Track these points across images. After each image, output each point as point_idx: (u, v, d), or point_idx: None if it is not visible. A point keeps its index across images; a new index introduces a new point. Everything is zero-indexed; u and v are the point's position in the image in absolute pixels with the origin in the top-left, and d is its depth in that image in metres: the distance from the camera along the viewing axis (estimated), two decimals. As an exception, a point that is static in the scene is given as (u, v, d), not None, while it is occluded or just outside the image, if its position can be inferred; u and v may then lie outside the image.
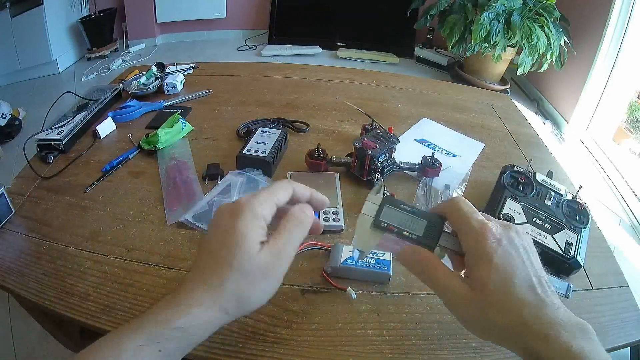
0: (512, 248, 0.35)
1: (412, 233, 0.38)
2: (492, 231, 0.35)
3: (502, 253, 0.34)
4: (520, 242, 0.36)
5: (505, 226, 0.37)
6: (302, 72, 1.11)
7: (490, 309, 0.33)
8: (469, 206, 0.38)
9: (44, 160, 0.71)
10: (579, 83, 2.22)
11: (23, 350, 1.04)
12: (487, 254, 0.34)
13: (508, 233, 0.36)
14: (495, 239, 0.35)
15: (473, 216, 0.37)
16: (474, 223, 0.36)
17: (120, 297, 0.47)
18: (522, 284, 0.33)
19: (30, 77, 2.55)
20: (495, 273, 0.33)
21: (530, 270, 0.34)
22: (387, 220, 0.39)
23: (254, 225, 0.35)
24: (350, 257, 0.50)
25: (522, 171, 0.66)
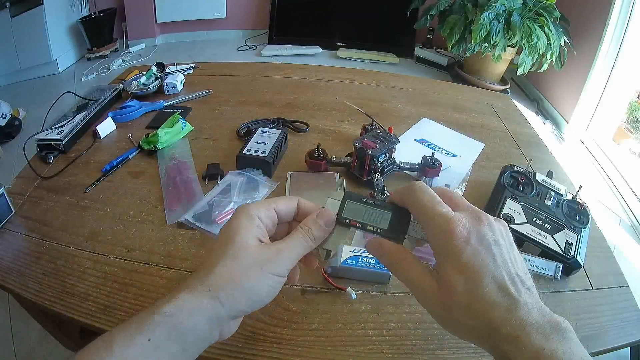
0: (481, 245, 0.32)
1: (377, 227, 0.36)
2: (458, 228, 0.32)
3: (470, 252, 0.31)
4: (493, 237, 0.32)
5: (475, 218, 0.33)
6: (302, 72, 1.11)
7: (457, 310, 0.31)
8: (429, 195, 0.34)
9: (44, 160, 0.71)
10: (579, 83, 2.22)
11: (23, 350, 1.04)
12: (453, 254, 0.32)
13: (478, 227, 0.33)
14: (463, 236, 0.32)
15: (436, 209, 0.33)
16: (438, 219, 0.33)
17: (120, 297, 0.47)
18: (492, 285, 0.31)
19: (30, 77, 2.55)
20: (462, 274, 0.31)
21: (503, 268, 0.31)
22: (350, 216, 0.37)
23: (249, 223, 0.35)
24: (351, 257, 0.50)
25: (522, 171, 0.66)
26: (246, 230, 0.34)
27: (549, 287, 0.52)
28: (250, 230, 0.34)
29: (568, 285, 0.53)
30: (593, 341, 0.46)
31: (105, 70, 2.70)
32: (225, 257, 0.33)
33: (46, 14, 2.42)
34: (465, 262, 0.31)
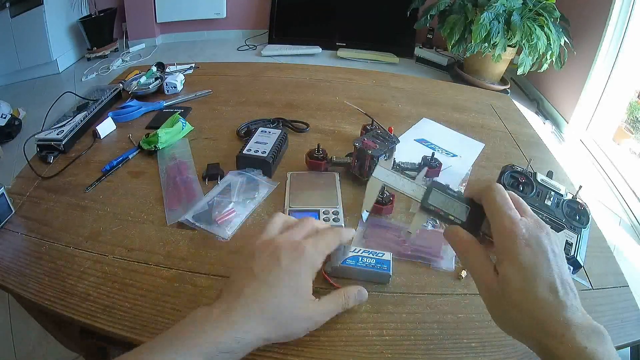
0: (539, 250, 0.35)
1: (457, 218, 0.39)
2: (521, 231, 0.35)
3: (528, 254, 0.35)
4: (550, 245, 0.36)
5: (537, 226, 0.37)
6: (302, 72, 1.11)
7: (510, 306, 0.34)
8: (503, 198, 0.38)
9: (44, 160, 0.71)
10: (579, 83, 2.22)
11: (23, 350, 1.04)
12: (513, 253, 0.35)
13: (538, 234, 0.36)
14: (524, 239, 0.35)
15: (505, 211, 0.37)
16: (505, 221, 0.36)
17: (120, 297, 0.47)
18: (544, 286, 0.34)
19: (30, 77, 2.55)
20: (519, 273, 0.34)
21: (555, 272, 0.34)
22: (435, 204, 0.40)
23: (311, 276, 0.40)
24: (351, 257, 0.50)
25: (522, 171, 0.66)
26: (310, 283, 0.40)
27: (549, 287, 0.52)
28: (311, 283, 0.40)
29: (568, 285, 0.53)
30: (593, 341, 0.46)
31: (105, 70, 2.70)
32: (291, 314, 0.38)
33: (46, 14, 2.42)
34: (523, 261, 0.34)
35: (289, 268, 0.38)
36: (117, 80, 0.99)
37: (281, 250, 0.39)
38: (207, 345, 0.33)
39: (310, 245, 0.40)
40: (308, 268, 0.40)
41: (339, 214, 0.59)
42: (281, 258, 0.39)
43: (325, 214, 0.59)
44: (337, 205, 0.61)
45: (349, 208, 0.62)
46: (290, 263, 0.39)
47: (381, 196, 0.59)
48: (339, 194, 0.64)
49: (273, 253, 0.39)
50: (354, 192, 0.66)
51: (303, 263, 0.39)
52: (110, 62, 2.77)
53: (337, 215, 0.59)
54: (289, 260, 0.39)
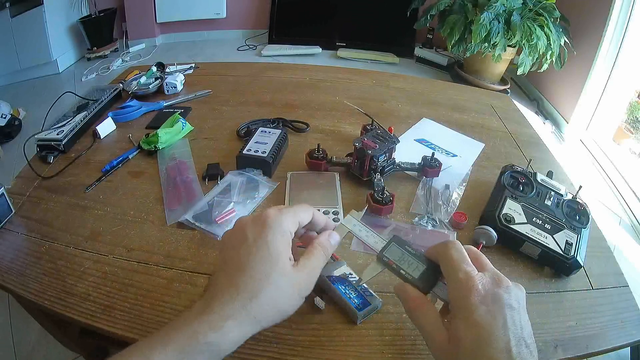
0: (495, 307, 0.34)
1: (408, 274, 0.40)
2: (477, 287, 0.35)
3: (482, 311, 0.34)
4: (508, 300, 0.35)
5: (495, 281, 0.36)
6: (302, 72, 1.11)
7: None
8: (459, 253, 0.37)
9: (44, 160, 0.71)
10: (579, 83, 2.22)
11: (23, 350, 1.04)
12: (467, 309, 0.34)
13: (496, 290, 0.35)
14: (480, 295, 0.34)
15: (461, 266, 0.36)
16: (461, 275, 0.36)
17: (120, 297, 0.47)
18: (497, 346, 0.32)
19: (30, 77, 2.55)
20: (472, 331, 0.33)
21: (511, 331, 0.33)
22: (389, 256, 0.41)
23: (284, 242, 0.37)
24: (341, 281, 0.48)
25: (522, 171, 0.66)
26: (284, 249, 0.37)
27: (549, 287, 0.52)
28: (286, 249, 0.37)
29: (568, 285, 0.53)
30: (593, 341, 0.46)
31: (105, 70, 2.70)
32: (269, 285, 0.35)
33: (46, 14, 2.42)
34: (477, 319, 0.33)
35: (255, 240, 0.36)
36: (117, 80, 0.99)
37: (246, 226, 0.37)
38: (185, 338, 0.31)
39: (273, 210, 0.38)
40: (276, 233, 0.36)
41: (339, 214, 0.59)
42: (247, 233, 0.37)
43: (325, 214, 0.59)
44: (337, 205, 0.61)
45: (348, 208, 0.62)
46: (257, 235, 0.36)
47: (381, 196, 0.59)
48: (339, 194, 0.64)
49: (240, 232, 0.37)
50: (354, 192, 0.66)
51: (269, 229, 0.36)
52: (110, 62, 2.77)
53: (337, 215, 0.59)
54: (254, 233, 0.37)
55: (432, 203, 0.64)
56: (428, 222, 0.61)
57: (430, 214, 0.62)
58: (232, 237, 0.38)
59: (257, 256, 0.35)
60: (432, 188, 0.68)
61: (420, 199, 0.65)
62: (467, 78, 2.62)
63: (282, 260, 0.36)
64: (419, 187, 0.68)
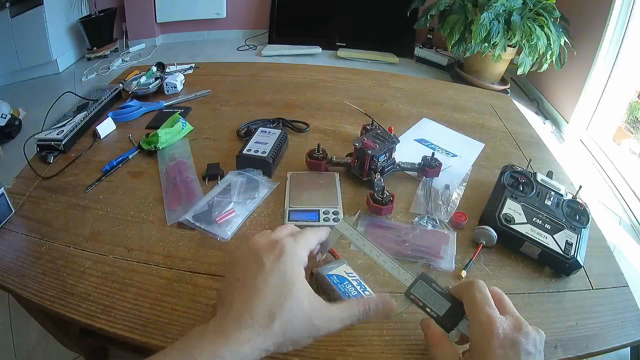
0: (512, 351, 0.35)
1: (433, 311, 0.41)
2: (498, 330, 0.36)
3: (500, 355, 0.35)
4: (526, 347, 0.35)
5: (515, 326, 0.37)
6: (302, 72, 1.11)
7: None
8: (482, 295, 0.39)
9: (44, 160, 0.71)
10: (579, 83, 2.22)
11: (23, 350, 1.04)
12: (486, 352, 0.35)
13: (515, 335, 0.36)
14: (499, 339, 0.35)
15: (484, 309, 0.37)
16: (483, 317, 0.37)
17: (120, 297, 0.47)
18: None
19: (30, 77, 2.55)
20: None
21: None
22: (416, 294, 0.42)
23: (300, 272, 0.38)
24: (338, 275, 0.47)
25: (522, 171, 0.66)
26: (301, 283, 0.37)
27: (549, 287, 0.52)
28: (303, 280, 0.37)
29: (568, 285, 0.53)
30: (593, 341, 0.46)
31: (105, 70, 2.70)
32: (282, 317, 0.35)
33: (46, 14, 2.42)
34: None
35: (273, 267, 0.37)
36: (117, 80, 0.99)
37: (262, 251, 0.38)
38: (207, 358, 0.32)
39: (289, 239, 0.39)
40: (293, 262, 0.38)
41: (339, 214, 0.59)
42: (264, 259, 0.37)
43: (325, 214, 0.59)
44: (337, 205, 0.61)
45: (348, 208, 0.62)
46: (274, 262, 0.37)
47: (381, 196, 0.59)
48: (339, 194, 0.64)
49: (255, 256, 0.38)
50: (354, 192, 0.66)
51: (287, 259, 0.37)
52: (110, 62, 2.77)
53: (337, 215, 0.59)
54: (271, 259, 0.37)
55: (432, 203, 0.64)
56: (428, 222, 0.61)
57: (430, 214, 0.62)
58: (246, 259, 0.39)
59: (273, 285, 0.36)
60: (432, 188, 0.68)
61: (420, 199, 0.65)
62: (467, 78, 2.62)
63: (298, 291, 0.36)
64: (419, 187, 0.68)
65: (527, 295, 0.51)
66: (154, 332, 0.44)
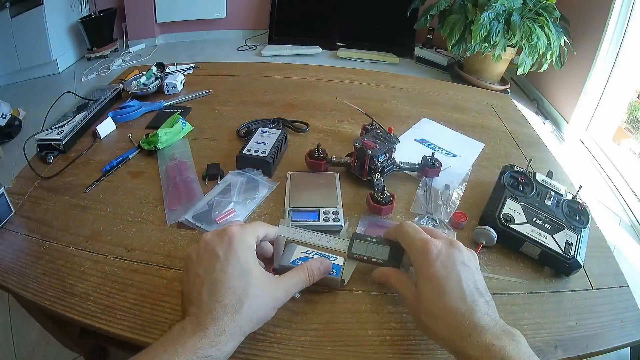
0: (449, 261, 0.40)
1: (379, 259, 0.46)
2: (431, 248, 0.41)
3: (438, 265, 0.39)
4: (460, 258, 0.40)
5: (449, 243, 0.42)
6: (302, 72, 1.11)
7: (426, 315, 0.39)
8: (413, 228, 0.44)
9: (44, 160, 0.71)
10: (579, 83, 2.22)
11: (23, 350, 1.04)
12: (425, 267, 0.40)
13: (449, 249, 0.41)
14: (434, 254, 0.40)
15: (416, 236, 0.43)
16: (417, 242, 0.42)
17: (120, 297, 0.47)
18: (453, 295, 0.38)
19: (30, 77, 2.55)
20: (430, 284, 0.39)
21: (464, 282, 0.38)
22: (357, 252, 0.47)
23: (251, 255, 0.41)
24: (301, 257, 0.49)
25: (522, 171, 0.66)
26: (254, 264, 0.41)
27: (548, 287, 0.52)
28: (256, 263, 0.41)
29: (568, 285, 0.53)
30: (593, 341, 0.46)
31: (105, 70, 2.70)
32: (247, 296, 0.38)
33: (46, 14, 2.42)
34: (433, 273, 0.39)
35: (227, 256, 0.39)
36: (117, 80, 0.99)
37: (213, 244, 0.41)
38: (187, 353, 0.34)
39: (234, 227, 0.42)
40: (243, 247, 0.40)
41: (339, 214, 0.59)
42: (217, 250, 0.40)
43: (325, 214, 0.59)
44: (337, 205, 0.61)
45: (349, 208, 0.62)
46: (226, 250, 0.40)
47: (381, 196, 0.59)
48: (339, 194, 0.64)
49: (207, 249, 0.40)
50: (354, 192, 0.66)
51: (236, 244, 0.40)
52: (110, 62, 2.77)
53: (337, 215, 0.59)
54: (223, 248, 0.40)
55: (432, 203, 0.64)
56: (428, 222, 0.61)
57: (430, 214, 0.62)
58: (201, 254, 0.41)
59: (232, 272, 0.39)
60: (432, 188, 0.68)
61: (420, 199, 0.65)
62: (467, 78, 2.62)
63: (254, 272, 0.40)
64: (419, 187, 0.68)
65: (527, 295, 0.51)
66: (154, 332, 0.44)
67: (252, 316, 0.38)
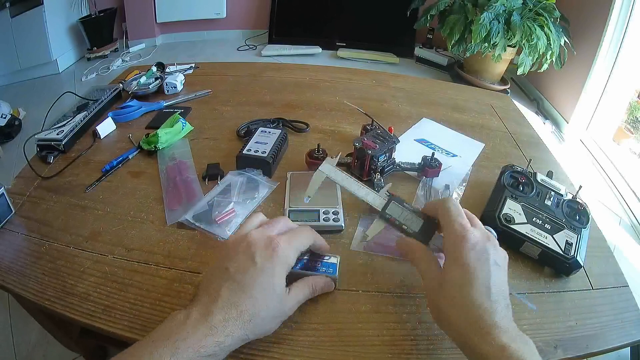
0: (482, 255, 0.39)
1: (410, 228, 0.45)
2: (470, 236, 0.39)
3: (472, 256, 0.38)
4: (494, 255, 0.39)
5: (485, 236, 0.41)
6: (302, 72, 1.11)
7: (447, 302, 0.38)
8: (456, 208, 0.43)
9: (44, 160, 0.71)
10: (579, 83, 2.22)
11: (23, 350, 1.04)
12: (459, 254, 0.39)
13: (485, 243, 0.40)
14: (471, 243, 0.39)
15: (457, 219, 0.41)
16: (457, 226, 0.41)
17: (120, 297, 0.47)
18: (480, 288, 0.37)
19: (30, 77, 2.55)
20: (460, 271, 0.38)
21: (493, 280, 0.37)
22: (391, 214, 0.45)
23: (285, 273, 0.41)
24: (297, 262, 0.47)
25: (522, 171, 0.66)
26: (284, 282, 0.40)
27: (549, 287, 0.52)
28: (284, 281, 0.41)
29: (568, 285, 0.53)
30: (593, 341, 0.46)
31: (105, 70, 2.70)
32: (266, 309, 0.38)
33: (46, 14, 2.42)
34: (466, 261, 0.38)
35: (263, 267, 0.39)
36: (117, 80, 0.99)
37: (255, 248, 0.40)
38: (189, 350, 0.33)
39: (284, 242, 0.41)
40: (282, 265, 0.40)
41: (339, 214, 0.59)
42: (256, 257, 0.39)
43: (325, 214, 0.59)
44: (337, 205, 0.61)
45: (348, 208, 0.62)
46: (265, 261, 0.39)
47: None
48: (339, 194, 0.64)
49: (247, 251, 0.40)
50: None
51: (277, 261, 0.39)
52: (110, 62, 2.77)
53: (337, 215, 0.59)
54: (263, 258, 0.39)
55: (432, 203, 0.64)
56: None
57: (430, 214, 0.62)
58: (238, 251, 0.40)
59: (261, 283, 0.38)
60: (432, 188, 0.68)
61: (420, 199, 0.65)
62: (467, 78, 2.62)
63: (280, 289, 0.40)
64: (419, 187, 0.68)
65: (527, 295, 0.51)
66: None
67: (261, 329, 0.39)
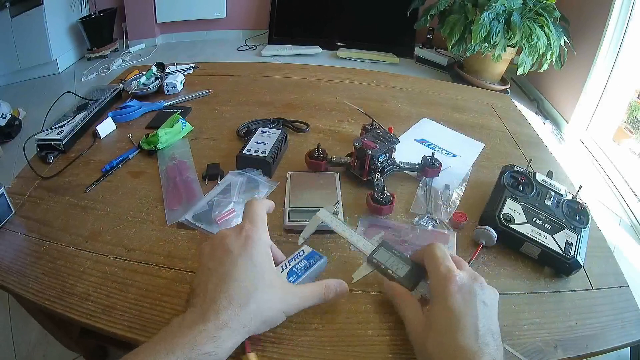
0: (470, 298, 0.38)
1: (395, 273, 0.46)
2: (456, 278, 0.39)
3: (458, 299, 0.38)
4: (481, 296, 0.39)
5: (472, 277, 0.41)
6: (302, 72, 1.11)
7: (431, 345, 0.37)
8: (442, 252, 0.43)
9: (44, 160, 0.71)
10: (579, 83, 2.22)
11: (23, 350, 1.04)
12: (445, 296, 0.38)
13: (471, 285, 0.39)
14: (457, 286, 0.39)
15: (444, 262, 0.41)
16: (442, 268, 0.41)
17: (120, 297, 0.47)
18: (466, 332, 0.36)
19: (30, 77, 2.55)
20: (445, 313, 0.37)
21: (481, 321, 0.37)
22: (379, 259, 0.47)
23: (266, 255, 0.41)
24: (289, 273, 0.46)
25: (522, 171, 0.66)
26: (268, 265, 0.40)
27: (549, 287, 0.52)
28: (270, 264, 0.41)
29: (568, 285, 0.53)
30: (593, 341, 0.46)
31: (105, 70, 2.70)
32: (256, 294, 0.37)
33: (46, 14, 2.42)
34: (452, 305, 0.38)
35: (240, 252, 0.39)
36: (117, 80, 0.99)
37: (228, 239, 0.40)
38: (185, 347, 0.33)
39: (249, 224, 0.42)
40: (257, 245, 0.40)
41: (339, 214, 0.59)
42: (230, 247, 0.40)
43: (325, 214, 0.59)
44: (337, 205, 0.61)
45: (349, 208, 0.62)
46: (240, 247, 0.39)
47: (381, 196, 0.59)
48: (339, 194, 0.64)
49: (222, 246, 0.40)
50: (354, 192, 0.66)
51: (252, 244, 0.40)
52: (110, 62, 2.77)
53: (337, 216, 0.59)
54: (237, 246, 0.40)
55: (432, 203, 0.64)
56: (428, 222, 0.61)
57: (430, 214, 0.62)
58: (214, 249, 0.41)
59: (242, 267, 0.38)
60: (432, 188, 0.68)
61: (420, 199, 0.65)
62: (467, 78, 2.62)
63: (267, 273, 0.39)
64: (419, 187, 0.68)
65: (527, 295, 0.51)
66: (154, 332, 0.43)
67: (259, 315, 0.37)
